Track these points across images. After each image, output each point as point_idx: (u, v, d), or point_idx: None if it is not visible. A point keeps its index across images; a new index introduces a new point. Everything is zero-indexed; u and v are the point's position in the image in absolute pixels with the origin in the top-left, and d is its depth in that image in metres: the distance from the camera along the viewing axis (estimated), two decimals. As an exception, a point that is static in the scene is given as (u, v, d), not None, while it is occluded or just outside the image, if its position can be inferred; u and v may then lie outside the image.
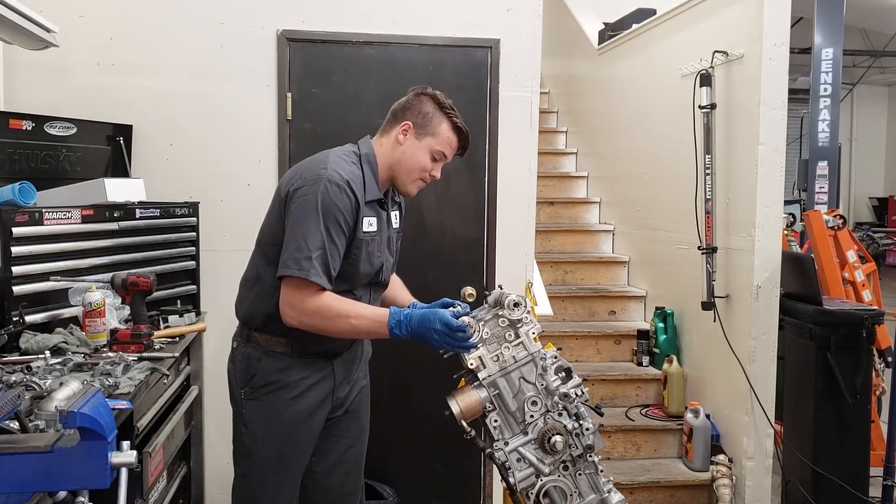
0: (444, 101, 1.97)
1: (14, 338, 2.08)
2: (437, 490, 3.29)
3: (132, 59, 2.99)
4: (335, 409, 2.09)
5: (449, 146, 1.97)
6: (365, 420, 2.22)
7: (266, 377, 1.97)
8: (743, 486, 3.37)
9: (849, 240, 3.96)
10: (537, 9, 3.16)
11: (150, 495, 2.03)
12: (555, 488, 1.76)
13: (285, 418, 1.98)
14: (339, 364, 2.06)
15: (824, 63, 6.29)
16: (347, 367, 2.09)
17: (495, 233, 3.20)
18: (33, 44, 2.41)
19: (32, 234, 2.18)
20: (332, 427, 2.10)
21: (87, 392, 1.29)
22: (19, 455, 1.18)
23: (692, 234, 3.64)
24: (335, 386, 2.05)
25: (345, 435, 2.13)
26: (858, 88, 12.64)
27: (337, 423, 2.11)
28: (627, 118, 4.80)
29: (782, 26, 3.24)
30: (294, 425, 1.99)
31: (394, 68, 3.12)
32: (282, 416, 1.98)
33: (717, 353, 3.56)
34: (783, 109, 3.27)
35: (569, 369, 1.83)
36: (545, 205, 5.19)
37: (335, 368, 2.04)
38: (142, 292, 2.27)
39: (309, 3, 3.06)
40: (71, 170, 2.68)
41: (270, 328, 1.95)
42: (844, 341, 3.11)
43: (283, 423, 1.98)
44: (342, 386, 2.08)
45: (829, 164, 6.24)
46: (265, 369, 1.97)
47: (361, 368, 2.17)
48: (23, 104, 2.77)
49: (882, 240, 12.60)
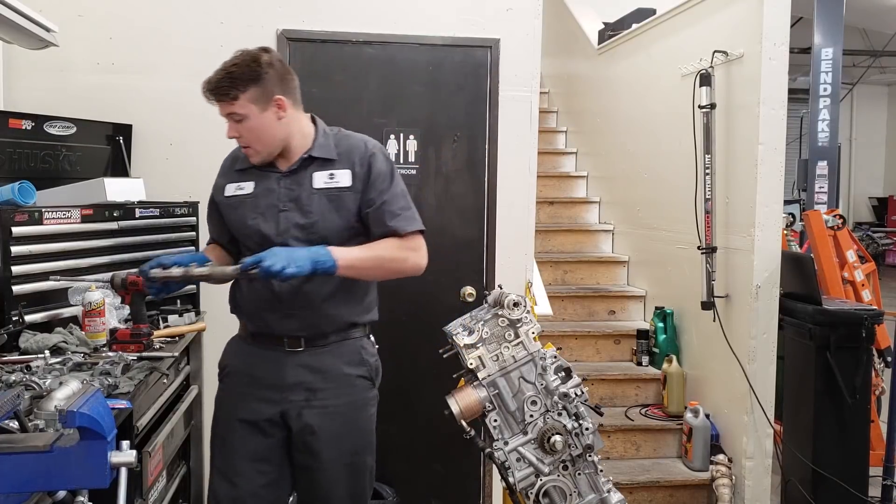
0: None
1: (13, 337, 2.07)
2: (437, 490, 3.29)
3: (132, 58, 2.99)
4: (291, 419, 1.96)
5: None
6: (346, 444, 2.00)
7: (224, 360, 2.12)
8: (742, 486, 3.37)
9: (848, 240, 3.96)
10: (537, 8, 3.16)
11: (150, 495, 2.03)
12: (554, 488, 1.76)
13: (228, 404, 2.06)
14: (291, 361, 1.97)
15: (824, 63, 6.28)
16: (301, 369, 1.97)
17: (495, 232, 3.20)
18: (33, 43, 2.41)
19: (32, 233, 2.18)
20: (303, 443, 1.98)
21: (86, 392, 1.29)
22: (19, 455, 1.18)
23: (692, 233, 3.64)
24: (283, 385, 1.96)
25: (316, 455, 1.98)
26: (858, 88, 12.62)
27: (308, 440, 1.98)
28: (627, 118, 4.80)
29: (782, 26, 3.24)
30: (234, 413, 2.02)
31: (394, 68, 3.12)
32: (226, 401, 2.07)
33: (717, 352, 3.56)
34: (783, 109, 3.27)
35: (568, 369, 1.83)
36: (545, 204, 5.19)
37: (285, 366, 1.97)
38: (141, 292, 2.25)
39: (309, 3, 3.06)
40: (70, 169, 2.67)
41: (232, 310, 2.10)
42: (844, 341, 3.11)
43: (226, 409, 2.06)
44: (295, 390, 1.96)
45: (829, 164, 6.23)
46: (225, 353, 2.14)
47: (330, 386, 1.99)
48: (22, 104, 2.77)
49: (881, 240, 12.59)
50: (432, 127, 3.17)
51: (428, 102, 3.16)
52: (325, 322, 1.99)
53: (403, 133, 3.14)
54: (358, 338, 2.05)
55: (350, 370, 2.02)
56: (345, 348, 2.02)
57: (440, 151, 3.17)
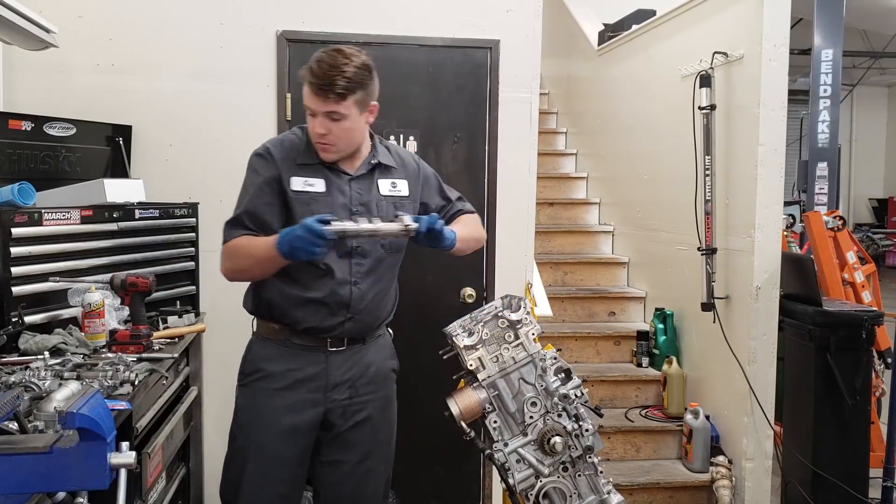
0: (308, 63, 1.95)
1: (13, 338, 2.07)
2: (437, 491, 3.28)
3: (132, 59, 2.99)
4: (335, 417, 2.03)
5: (308, 97, 1.93)
6: (382, 435, 2.15)
7: (254, 364, 2.04)
8: (742, 488, 3.37)
9: (848, 241, 3.96)
10: (537, 9, 3.16)
11: (150, 496, 2.03)
12: (554, 489, 1.76)
13: (267, 410, 1.99)
14: (336, 360, 2.02)
15: (824, 64, 6.29)
16: (345, 367, 2.03)
17: (495, 233, 3.19)
18: (33, 44, 2.41)
19: (32, 234, 2.18)
20: (340, 438, 2.06)
21: (86, 393, 1.29)
22: (18, 456, 1.18)
23: (692, 234, 3.64)
24: (328, 385, 2.01)
25: (354, 448, 2.07)
26: (858, 89, 12.64)
27: (345, 435, 2.06)
28: (627, 119, 4.80)
29: (782, 27, 3.24)
30: (276, 419, 1.98)
31: (393, 69, 3.11)
32: (264, 406, 2.00)
33: (717, 354, 3.56)
34: (783, 110, 3.27)
35: (568, 370, 1.83)
36: (545, 206, 5.19)
37: (329, 365, 2.01)
38: (141, 293, 2.27)
39: (309, 4, 3.06)
40: (70, 170, 2.67)
41: (262, 312, 2.05)
42: (844, 342, 3.10)
43: (265, 415, 1.99)
44: (339, 389, 2.03)
45: (829, 165, 6.24)
46: (254, 356, 2.06)
47: (371, 381, 2.09)
48: (22, 104, 2.77)
49: (882, 241, 12.59)
50: (432, 128, 3.17)
51: (428, 103, 3.16)
52: (375, 322, 2.09)
53: (403, 134, 3.14)
54: (386, 333, 2.18)
55: (389, 364, 2.18)
56: (381, 343, 2.15)
57: (440, 152, 3.17)
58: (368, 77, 1.93)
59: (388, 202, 2.05)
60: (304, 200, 1.97)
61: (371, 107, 1.98)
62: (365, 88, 1.92)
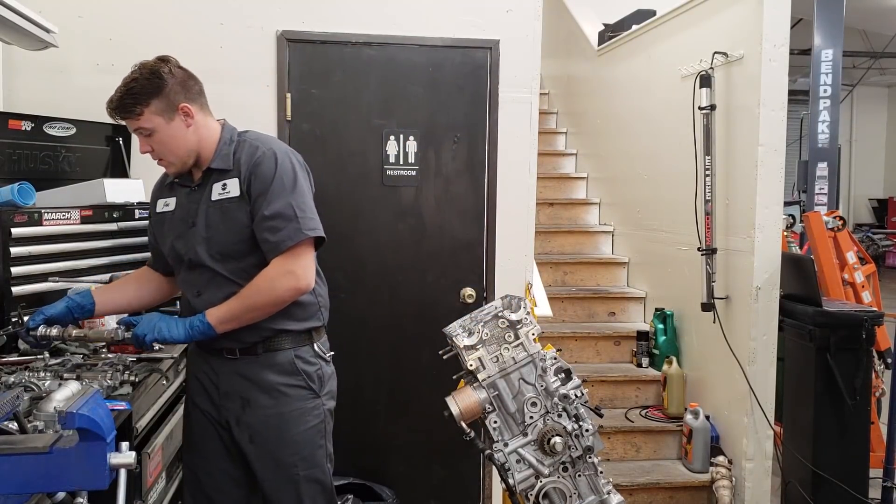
0: None
1: (13, 338, 2.07)
2: (437, 491, 3.28)
3: (132, 59, 2.95)
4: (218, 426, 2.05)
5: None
6: (261, 471, 2.01)
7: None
8: (742, 488, 3.37)
9: (848, 241, 3.96)
10: (537, 10, 3.16)
11: (149, 496, 2.03)
12: (554, 489, 1.76)
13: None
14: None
15: (824, 64, 6.30)
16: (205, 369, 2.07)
17: (495, 234, 3.20)
18: (33, 44, 2.41)
19: (31, 234, 2.17)
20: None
21: (85, 393, 1.29)
22: (18, 456, 1.18)
23: (692, 235, 3.64)
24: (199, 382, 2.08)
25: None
26: (858, 90, 12.64)
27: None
28: (627, 119, 4.80)
29: (782, 27, 3.24)
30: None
31: (393, 69, 3.12)
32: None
33: (717, 354, 3.56)
34: (783, 110, 3.27)
35: (568, 370, 1.82)
36: (545, 206, 5.19)
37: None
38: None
39: (309, 4, 3.06)
40: (70, 170, 2.67)
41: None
42: (844, 343, 3.10)
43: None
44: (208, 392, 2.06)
45: (829, 166, 6.25)
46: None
47: (231, 398, 2.02)
48: (22, 104, 2.76)
49: (882, 241, 12.59)
50: (432, 128, 3.17)
51: (428, 103, 3.16)
52: (246, 333, 1.94)
53: (403, 134, 3.14)
54: (289, 348, 1.99)
55: (280, 379, 1.98)
56: (275, 358, 1.98)
57: (440, 152, 3.17)
58: (160, 83, 1.88)
59: (216, 207, 1.94)
60: (159, 222, 2.06)
61: (180, 109, 1.91)
62: (159, 95, 1.88)
